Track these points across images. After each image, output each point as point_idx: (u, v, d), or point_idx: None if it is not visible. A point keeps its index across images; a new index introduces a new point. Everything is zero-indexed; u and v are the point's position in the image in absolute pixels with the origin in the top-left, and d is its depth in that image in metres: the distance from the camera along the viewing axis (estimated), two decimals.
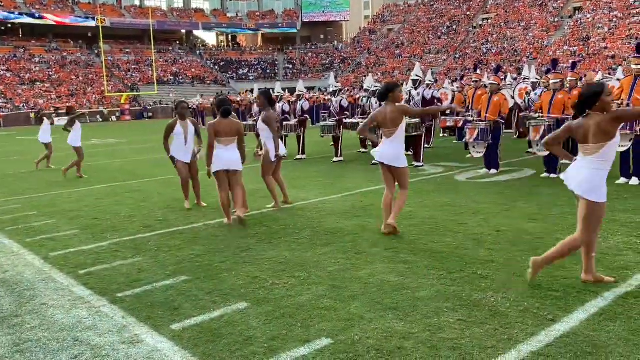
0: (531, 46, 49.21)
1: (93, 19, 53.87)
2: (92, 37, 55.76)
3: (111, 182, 10.05)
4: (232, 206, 6.27)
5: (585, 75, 14.67)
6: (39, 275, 4.65)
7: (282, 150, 6.94)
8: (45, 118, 13.09)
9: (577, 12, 51.53)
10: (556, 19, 51.79)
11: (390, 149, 5.39)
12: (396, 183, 5.59)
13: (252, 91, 21.48)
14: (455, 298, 3.69)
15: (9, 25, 53.95)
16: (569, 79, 9.20)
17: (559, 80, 8.23)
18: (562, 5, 53.36)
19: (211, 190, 7.26)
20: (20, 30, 56.02)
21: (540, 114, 8.31)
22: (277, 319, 3.47)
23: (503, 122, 8.86)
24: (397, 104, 5.42)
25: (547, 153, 8.19)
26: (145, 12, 58.46)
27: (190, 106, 32.13)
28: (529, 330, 3.16)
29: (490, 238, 5.12)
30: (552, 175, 8.25)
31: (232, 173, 6.18)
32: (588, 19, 49.11)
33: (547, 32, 50.42)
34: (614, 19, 47.32)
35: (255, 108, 14.12)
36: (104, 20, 52.43)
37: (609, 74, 19.52)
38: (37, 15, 53.70)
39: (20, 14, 53.16)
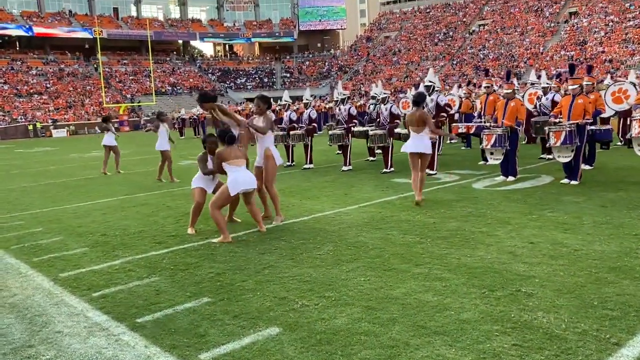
0: (528, 51, 49.26)
1: (90, 30, 53.72)
2: (90, 48, 55.62)
3: (116, 195, 9.77)
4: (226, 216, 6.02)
5: (602, 81, 14.51)
6: (50, 298, 4.37)
7: (279, 160, 6.72)
8: (110, 123, 13.64)
9: (572, 17, 51.67)
10: (552, 24, 51.90)
11: (420, 141, 7.20)
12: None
13: (252, 100, 20.98)
14: (504, 320, 3.42)
15: (6, 38, 53.76)
16: (585, 83, 9.01)
17: (577, 86, 8.01)
18: (557, 10, 53.53)
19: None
20: (17, 43, 55.82)
21: (560, 119, 8.08)
22: (314, 347, 3.20)
23: (520, 127, 8.63)
24: (423, 110, 7.40)
25: (568, 159, 7.96)
26: (142, 23, 58.34)
27: (190, 116, 32.05)
28: (593, 356, 2.90)
29: (525, 251, 4.86)
30: (573, 182, 8.02)
31: (250, 192, 6.13)
32: (584, 23, 49.23)
33: (544, 37, 50.50)
34: (610, 23, 47.45)
35: (285, 115, 13.69)
36: (101, 31, 52.33)
37: (611, 77, 19.36)
38: (33, 27, 53.52)
39: (17, 26, 52.96)
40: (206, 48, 73.11)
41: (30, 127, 42.66)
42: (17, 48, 55.68)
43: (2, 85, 48.30)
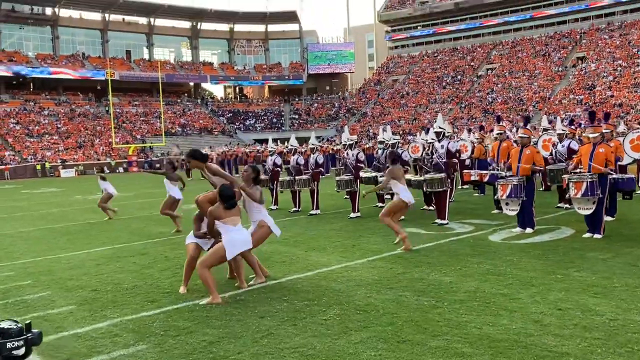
0: (537, 95, 49.33)
1: (102, 72, 54.72)
2: (101, 89, 56.54)
3: (114, 242, 9.37)
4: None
5: (618, 126, 14.16)
6: None
7: (277, 230, 6.21)
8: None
9: (580, 61, 51.98)
10: (560, 69, 52.18)
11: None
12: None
13: (266, 142, 19.99)
14: None
15: (21, 79, 54.84)
16: (603, 131, 8.65)
17: (598, 134, 7.64)
18: (565, 55, 53.93)
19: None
20: (32, 84, 56.92)
21: (581, 169, 7.67)
22: None
23: (540, 171, 8.25)
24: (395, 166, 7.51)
25: (590, 211, 7.50)
26: (154, 66, 59.43)
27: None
28: None
29: (554, 320, 4.36)
30: (597, 236, 7.53)
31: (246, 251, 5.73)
32: (592, 68, 49.44)
33: (552, 81, 50.67)
34: (619, 68, 47.61)
35: (269, 161, 13.52)
36: (113, 73, 53.24)
37: (624, 122, 19.09)
38: (48, 70, 54.63)
39: (32, 69, 54.10)
40: (217, 90, 74.26)
41: (39, 167, 42.79)
42: (31, 89, 56.72)
43: (14, 125, 48.88)
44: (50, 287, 6.36)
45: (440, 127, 9.63)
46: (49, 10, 58.76)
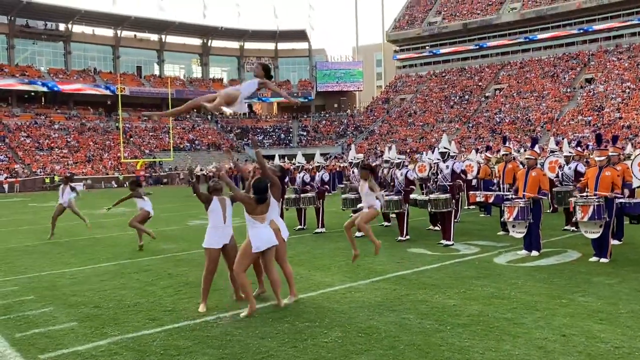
0: (545, 116, 49.28)
1: (113, 87, 55.38)
2: (112, 104, 57.13)
3: (119, 258, 9.37)
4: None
5: (625, 147, 14.10)
6: None
7: (285, 232, 6.24)
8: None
9: (588, 83, 51.98)
10: (569, 90, 52.18)
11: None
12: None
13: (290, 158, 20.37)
14: None
15: (32, 94, 55.59)
16: (610, 154, 8.61)
17: (605, 158, 7.61)
18: (573, 76, 53.97)
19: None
20: (43, 98, 57.66)
21: (588, 192, 7.62)
22: None
23: (544, 197, 8.19)
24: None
25: (597, 235, 7.43)
26: (164, 82, 60.08)
27: (206, 173, 32.10)
28: None
29: (558, 346, 4.30)
30: (603, 260, 7.44)
31: (270, 251, 5.76)
32: (600, 89, 49.40)
33: (560, 102, 50.65)
34: (627, 90, 47.54)
35: (298, 178, 13.08)
36: (124, 88, 53.85)
37: (632, 145, 19.02)
38: (59, 85, 55.37)
39: (43, 83, 54.86)
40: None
41: (47, 180, 43.09)
42: (42, 103, 57.43)
43: (24, 138, 49.41)
44: (53, 302, 6.36)
45: (445, 148, 9.62)
46: (62, 26, 59.75)
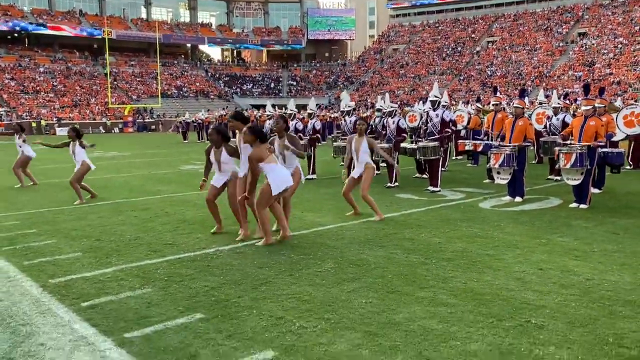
0: (536, 70, 49.21)
1: (99, 30, 53.89)
2: (98, 48, 55.81)
3: (114, 198, 9.59)
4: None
5: (613, 102, 14.34)
6: (37, 307, 4.18)
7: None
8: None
9: (581, 37, 51.67)
10: (561, 44, 51.89)
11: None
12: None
13: (264, 107, 20.73)
14: (514, 354, 3.22)
15: (16, 35, 53.95)
16: (597, 105, 8.86)
17: (590, 107, 7.84)
18: (566, 30, 53.54)
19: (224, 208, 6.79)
20: (27, 40, 56.01)
21: (571, 141, 7.90)
22: None
23: (529, 145, 8.45)
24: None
25: (577, 182, 7.77)
26: (152, 26, 58.56)
27: (195, 120, 31.91)
28: None
29: (534, 278, 4.66)
30: (582, 206, 7.81)
31: (288, 191, 6.18)
32: (593, 44, 49.20)
33: (552, 57, 50.49)
34: (619, 45, 47.41)
35: (267, 126, 13.67)
36: (110, 32, 52.43)
37: (622, 99, 19.21)
38: (43, 25, 53.71)
39: (28, 23, 53.16)
40: (214, 53, 73.37)
41: (34, 125, 42.60)
42: (26, 45, 55.84)
43: (9, 81, 48.36)
44: (55, 236, 6.60)
45: (435, 96, 9.78)
46: None
